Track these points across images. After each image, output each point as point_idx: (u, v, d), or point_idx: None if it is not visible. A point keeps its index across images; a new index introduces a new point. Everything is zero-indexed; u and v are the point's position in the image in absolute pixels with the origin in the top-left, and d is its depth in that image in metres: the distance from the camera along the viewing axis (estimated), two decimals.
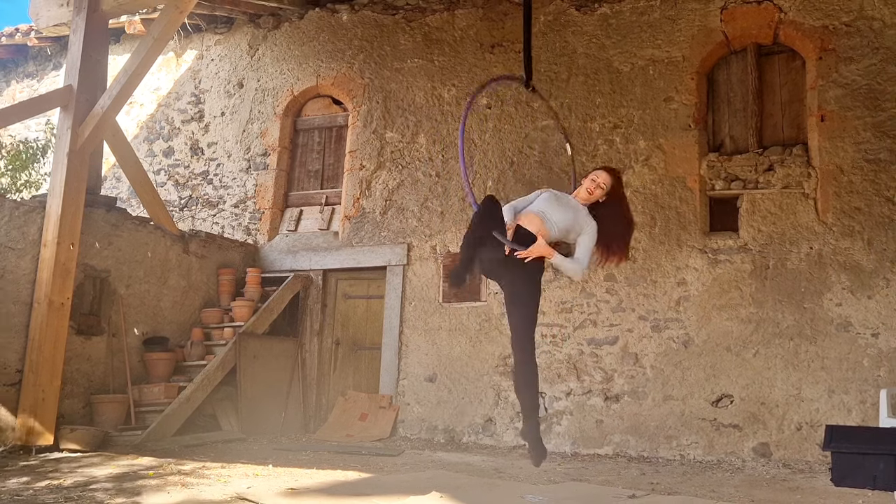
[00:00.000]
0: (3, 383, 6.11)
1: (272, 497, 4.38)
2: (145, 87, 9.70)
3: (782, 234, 6.72)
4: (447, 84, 8.34)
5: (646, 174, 7.27)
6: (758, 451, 6.39)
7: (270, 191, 9.02)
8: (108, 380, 6.96)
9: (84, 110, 6.76)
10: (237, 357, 7.50)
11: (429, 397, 7.67)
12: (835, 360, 6.33)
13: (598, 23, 7.78)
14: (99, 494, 4.36)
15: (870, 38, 6.71)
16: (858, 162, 6.58)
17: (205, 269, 8.23)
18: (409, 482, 4.93)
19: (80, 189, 6.59)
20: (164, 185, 9.60)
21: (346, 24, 9.02)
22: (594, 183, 3.99)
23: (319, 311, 8.42)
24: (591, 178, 4.01)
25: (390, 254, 8.16)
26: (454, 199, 7.99)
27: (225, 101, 9.56)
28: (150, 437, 6.47)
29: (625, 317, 7.07)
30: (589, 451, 6.90)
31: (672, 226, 7.08)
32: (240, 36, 9.64)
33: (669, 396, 6.78)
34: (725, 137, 7.36)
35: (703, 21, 7.35)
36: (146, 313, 7.51)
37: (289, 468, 5.49)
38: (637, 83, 7.50)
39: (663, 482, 5.34)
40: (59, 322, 6.30)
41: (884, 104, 6.59)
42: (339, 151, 8.99)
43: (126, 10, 7.75)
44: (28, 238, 6.40)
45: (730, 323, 6.72)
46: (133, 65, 6.81)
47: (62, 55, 10.02)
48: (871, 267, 6.38)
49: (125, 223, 7.37)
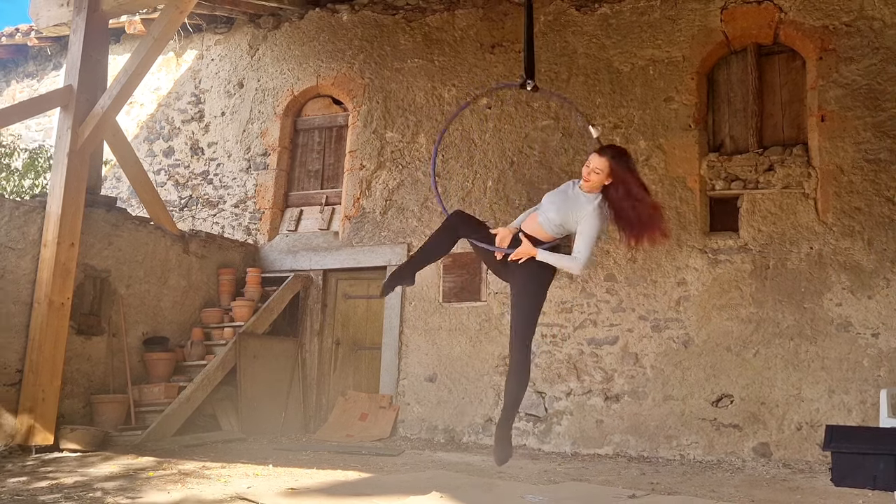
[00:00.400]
0: (3, 383, 6.11)
1: (272, 497, 4.38)
2: (145, 87, 9.70)
3: (782, 234, 6.72)
4: (447, 84, 8.34)
5: (646, 174, 7.24)
6: (758, 451, 6.39)
7: (270, 191, 9.02)
8: (108, 380, 6.96)
9: (84, 110, 6.76)
10: (237, 357, 7.50)
11: (429, 397, 7.67)
12: (835, 360, 6.33)
13: (598, 23, 7.78)
14: (99, 494, 4.36)
15: (870, 38, 6.71)
16: (858, 162, 6.58)
17: (205, 268, 8.23)
18: (410, 482, 4.93)
19: (80, 189, 6.59)
20: (164, 185, 9.61)
21: (346, 24, 9.02)
22: (587, 169, 3.77)
23: (319, 311, 8.42)
24: (585, 164, 3.81)
25: (390, 254, 8.16)
26: (454, 199, 7.99)
27: (225, 101, 9.57)
28: (151, 437, 6.47)
29: (625, 317, 7.07)
30: (589, 451, 6.90)
31: (672, 226, 7.07)
32: (240, 36, 9.64)
33: (669, 396, 6.78)
34: (725, 137, 7.36)
35: (703, 21, 7.35)
36: (146, 313, 7.51)
37: (289, 468, 5.49)
38: (637, 83, 7.50)
39: (663, 482, 5.34)
40: (59, 322, 6.30)
41: (884, 104, 6.58)
42: (339, 151, 8.99)
43: (126, 10, 7.76)
44: (28, 238, 6.40)
45: (730, 323, 6.72)
46: (133, 65, 6.81)
47: (62, 55, 10.02)
48: (872, 267, 6.38)
49: (125, 223, 7.37)
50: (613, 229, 4.10)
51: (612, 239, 7.26)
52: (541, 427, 7.17)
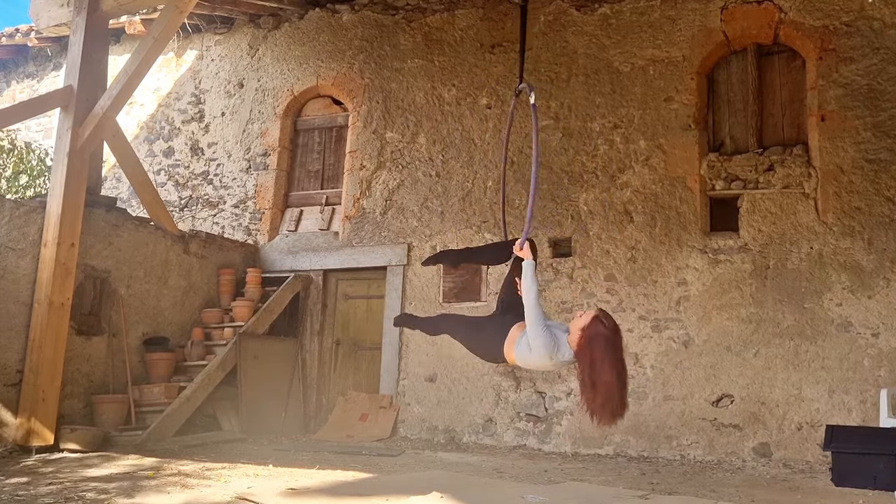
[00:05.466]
0: (3, 383, 6.11)
1: (273, 497, 4.38)
2: (145, 87, 9.70)
3: (782, 234, 6.72)
4: (447, 84, 8.34)
5: (646, 174, 7.28)
6: (758, 451, 6.39)
7: (270, 191, 9.02)
8: (108, 380, 6.96)
9: (84, 110, 6.76)
10: (237, 357, 7.50)
11: (429, 397, 7.67)
12: (835, 360, 6.33)
13: (598, 23, 7.78)
14: (99, 495, 4.36)
15: (870, 38, 6.71)
16: (858, 162, 6.58)
17: (205, 269, 8.23)
18: (410, 482, 4.93)
19: (80, 189, 6.59)
20: (164, 185, 9.61)
21: (347, 24, 9.02)
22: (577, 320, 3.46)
23: (320, 311, 8.42)
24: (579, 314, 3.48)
25: (390, 254, 8.16)
26: (454, 199, 7.99)
27: (225, 102, 9.57)
28: (151, 437, 6.47)
29: (625, 317, 7.07)
30: (589, 451, 6.90)
31: (672, 226, 7.08)
32: (240, 36, 9.64)
33: (670, 396, 6.78)
34: (725, 137, 7.36)
35: (703, 21, 7.35)
36: (146, 313, 7.51)
37: (289, 468, 5.49)
38: (637, 83, 7.50)
39: (663, 482, 5.34)
40: (60, 322, 6.30)
41: (884, 104, 6.59)
42: (340, 151, 8.99)
43: (126, 10, 7.75)
44: (28, 238, 6.40)
45: (730, 323, 6.72)
46: (133, 65, 6.81)
47: (62, 55, 10.02)
48: (872, 267, 6.38)
49: (125, 223, 7.37)
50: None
51: (612, 239, 7.27)
52: (541, 427, 7.17)
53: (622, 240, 7.22)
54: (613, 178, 7.37)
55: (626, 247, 7.19)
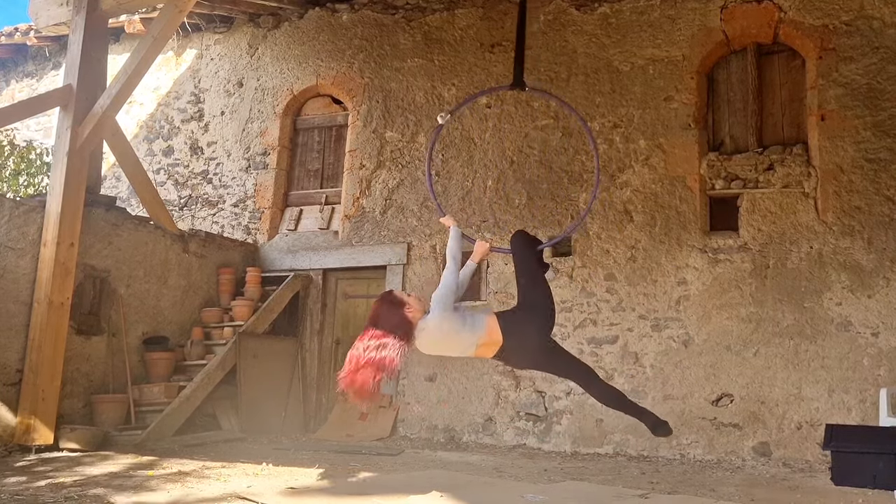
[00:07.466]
0: (3, 383, 6.11)
1: (272, 496, 4.38)
2: (145, 86, 9.69)
3: (782, 233, 6.72)
4: (447, 84, 8.34)
5: (646, 174, 7.28)
6: (758, 450, 6.39)
7: (270, 190, 9.02)
8: (108, 379, 6.96)
9: (84, 110, 6.75)
10: (237, 356, 7.50)
11: (429, 396, 7.67)
12: (835, 360, 6.33)
13: (598, 22, 7.78)
14: (99, 494, 4.36)
15: (870, 38, 6.71)
16: (858, 161, 6.59)
17: (205, 268, 8.23)
18: (410, 481, 4.94)
19: (79, 189, 6.59)
20: (163, 184, 9.60)
21: (346, 23, 9.02)
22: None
23: (319, 310, 8.42)
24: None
25: (390, 253, 8.16)
26: (454, 198, 7.99)
27: (224, 101, 9.56)
28: (151, 436, 6.47)
29: (625, 316, 7.07)
30: (589, 450, 6.90)
31: (672, 225, 7.08)
32: (239, 35, 9.64)
33: (669, 396, 6.78)
34: (725, 137, 7.36)
35: (702, 20, 7.35)
36: (146, 313, 7.51)
37: (289, 467, 5.49)
38: (637, 83, 7.50)
39: (663, 481, 5.34)
40: (59, 322, 6.29)
41: (884, 103, 6.59)
42: (339, 151, 8.99)
43: (126, 9, 7.74)
44: (28, 238, 6.40)
45: (730, 322, 6.72)
46: (133, 64, 6.81)
47: (62, 55, 10.01)
48: (871, 266, 6.38)
49: (125, 223, 7.37)
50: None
51: (611, 238, 7.27)
52: (541, 426, 7.17)
53: (622, 239, 7.22)
54: (613, 178, 7.37)
55: (626, 246, 7.19)
